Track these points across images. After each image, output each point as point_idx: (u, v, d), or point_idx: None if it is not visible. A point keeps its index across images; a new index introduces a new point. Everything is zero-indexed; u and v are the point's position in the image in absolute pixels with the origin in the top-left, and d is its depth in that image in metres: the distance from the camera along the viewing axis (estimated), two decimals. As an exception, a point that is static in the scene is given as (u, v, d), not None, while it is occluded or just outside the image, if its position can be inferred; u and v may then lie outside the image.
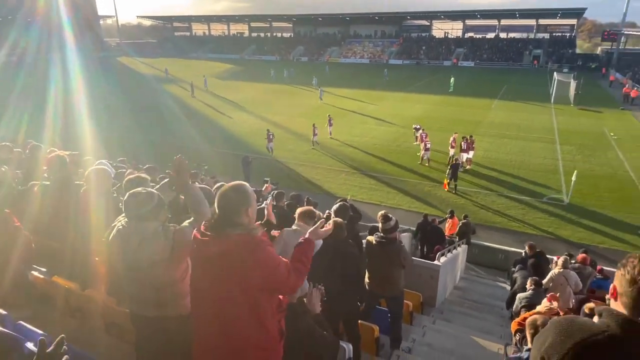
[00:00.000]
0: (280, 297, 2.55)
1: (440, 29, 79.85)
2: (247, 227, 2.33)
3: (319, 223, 2.78)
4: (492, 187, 17.20)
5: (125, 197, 2.80)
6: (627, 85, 38.99)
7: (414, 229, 12.09)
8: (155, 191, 2.90)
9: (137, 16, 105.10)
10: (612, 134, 25.08)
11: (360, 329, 4.38)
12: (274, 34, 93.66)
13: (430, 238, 10.96)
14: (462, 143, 18.79)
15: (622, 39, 59.86)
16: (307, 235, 2.66)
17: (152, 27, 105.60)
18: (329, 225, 2.85)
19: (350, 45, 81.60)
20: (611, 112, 31.90)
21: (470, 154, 19.03)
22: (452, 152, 19.07)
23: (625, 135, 24.96)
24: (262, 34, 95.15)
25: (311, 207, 4.19)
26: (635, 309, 1.32)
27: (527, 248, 8.61)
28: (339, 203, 4.85)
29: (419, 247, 11.38)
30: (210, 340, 2.38)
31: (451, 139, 19.46)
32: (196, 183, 4.32)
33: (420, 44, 76.01)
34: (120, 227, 2.84)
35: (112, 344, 3.66)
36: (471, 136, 19.17)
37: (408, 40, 78.04)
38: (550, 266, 8.27)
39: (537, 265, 7.92)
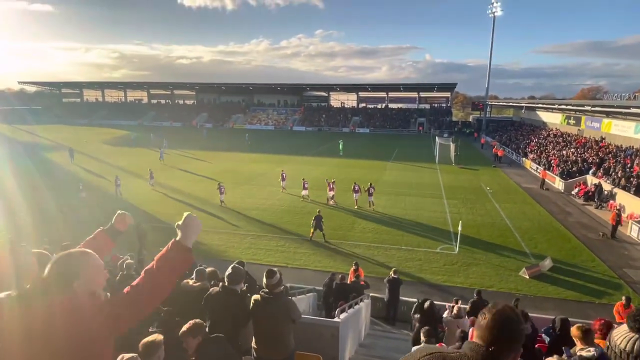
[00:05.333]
0: None
1: (337, 100, 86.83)
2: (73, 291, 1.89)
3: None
4: (391, 241, 17.92)
5: None
6: (495, 146, 45.43)
7: (320, 288, 11.80)
8: None
9: (19, 82, 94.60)
10: (488, 187, 28.42)
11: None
12: (176, 101, 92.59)
13: (337, 296, 10.71)
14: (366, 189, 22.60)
15: (488, 108, 70.85)
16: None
17: (37, 94, 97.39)
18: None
19: (255, 113, 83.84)
20: (485, 169, 36.49)
21: (372, 198, 22.71)
22: (355, 196, 22.95)
23: (498, 188, 28.46)
24: (162, 101, 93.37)
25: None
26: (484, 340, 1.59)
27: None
28: (232, 266, 4.49)
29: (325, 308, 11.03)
30: None
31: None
32: None
33: (321, 112, 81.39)
34: None
35: None
36: (371, 184, 22.97)
37: (309, 109, 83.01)
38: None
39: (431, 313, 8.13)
